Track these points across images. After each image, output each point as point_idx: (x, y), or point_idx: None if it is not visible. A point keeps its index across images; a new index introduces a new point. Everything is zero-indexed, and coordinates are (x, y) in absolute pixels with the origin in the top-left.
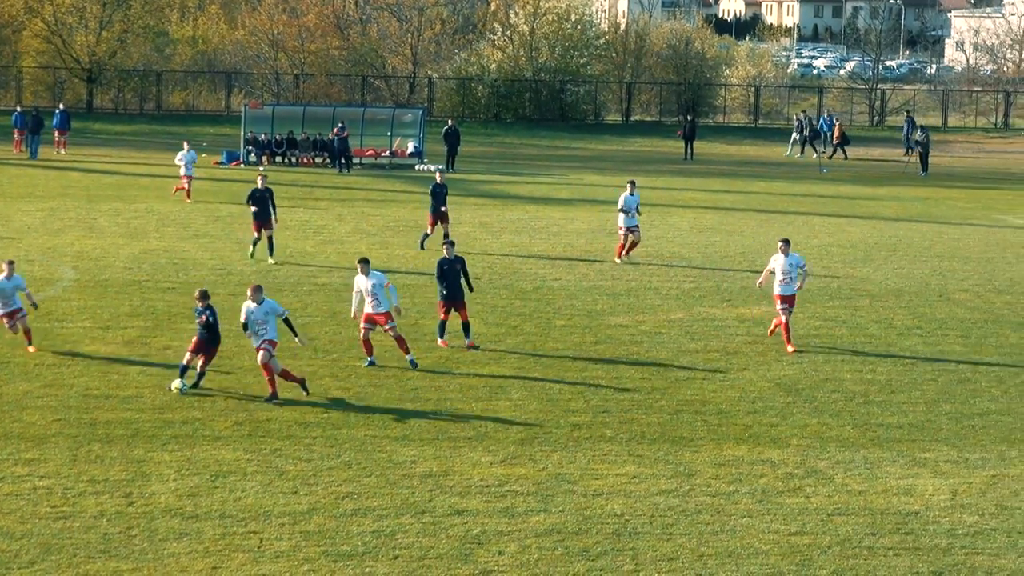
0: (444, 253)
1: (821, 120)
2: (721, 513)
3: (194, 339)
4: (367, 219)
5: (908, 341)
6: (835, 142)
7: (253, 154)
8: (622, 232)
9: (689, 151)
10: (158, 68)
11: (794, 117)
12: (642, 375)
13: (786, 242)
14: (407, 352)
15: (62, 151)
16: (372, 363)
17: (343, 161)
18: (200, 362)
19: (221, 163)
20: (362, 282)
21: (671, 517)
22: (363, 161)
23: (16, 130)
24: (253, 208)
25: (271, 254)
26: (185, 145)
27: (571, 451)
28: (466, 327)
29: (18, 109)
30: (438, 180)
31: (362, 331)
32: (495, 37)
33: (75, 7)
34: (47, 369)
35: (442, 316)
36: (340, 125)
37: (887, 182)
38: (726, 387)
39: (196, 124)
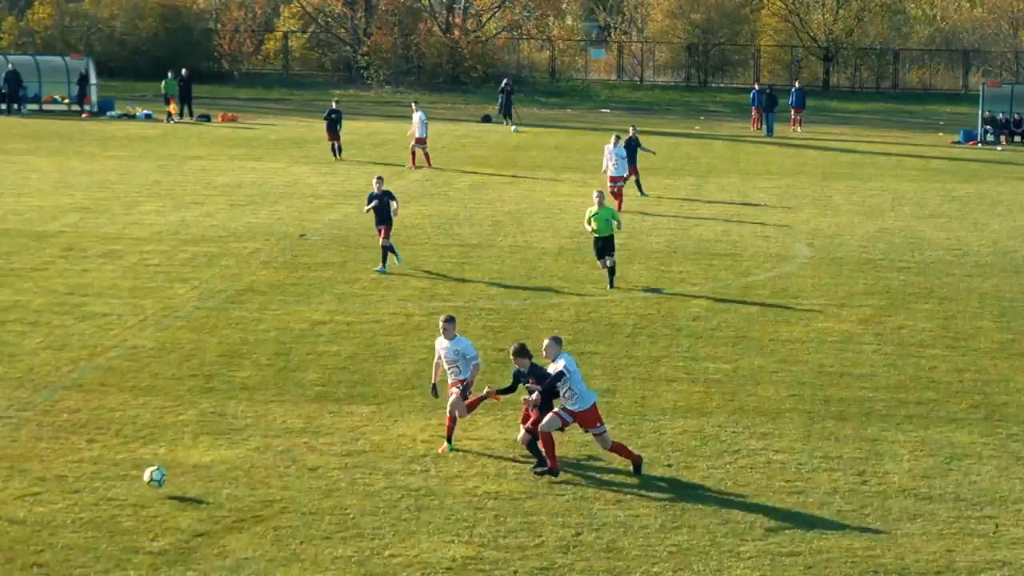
0: None
1: None
2: None
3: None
4: None
5: None
6: None
7: (990, 134)
8: None
9: None
10: (895, 46)
11: None
12: None
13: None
14: None
15: (798, 129)
16: None
17: None
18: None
19: (957, 142)
20: None
21: None
22: None
23: (753, 108)
24: None
25: None
26: None
27: None
28: None
29: (755, 87)
30: None
31: None
32: None
33: None
34: (781, 345)
35: None
36: None
37: None
38: None
39: (932, 103)
